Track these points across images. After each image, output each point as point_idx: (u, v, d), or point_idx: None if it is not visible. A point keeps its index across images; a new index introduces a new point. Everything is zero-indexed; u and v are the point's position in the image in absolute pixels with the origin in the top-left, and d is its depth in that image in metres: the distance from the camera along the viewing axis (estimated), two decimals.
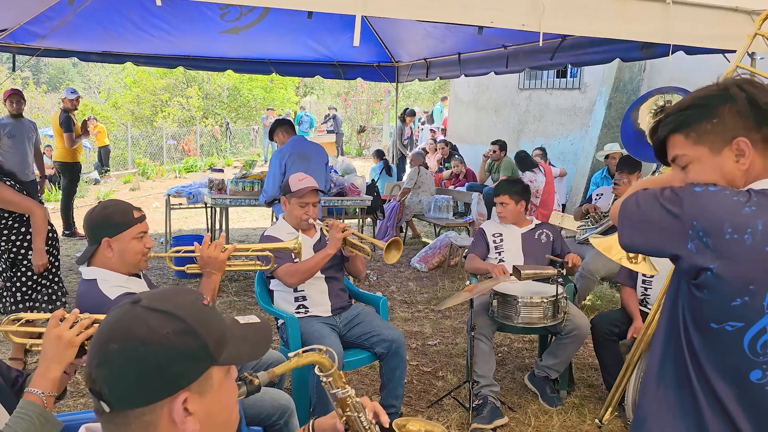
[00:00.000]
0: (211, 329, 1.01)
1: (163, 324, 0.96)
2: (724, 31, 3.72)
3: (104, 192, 12.35)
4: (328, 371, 1.41)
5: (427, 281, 6.49)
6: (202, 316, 1.01)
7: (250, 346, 1.08)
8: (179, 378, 0.96)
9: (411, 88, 24.72)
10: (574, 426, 3.48)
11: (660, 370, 1.46)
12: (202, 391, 0.99)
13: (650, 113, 3.49)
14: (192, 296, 1.05)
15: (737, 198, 1.32)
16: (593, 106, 8.86)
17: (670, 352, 1.44)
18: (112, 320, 0.99)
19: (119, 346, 0.96)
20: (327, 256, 3.28)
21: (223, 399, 1.04)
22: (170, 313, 0.98)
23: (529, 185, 6.64)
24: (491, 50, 6.67)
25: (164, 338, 0.95)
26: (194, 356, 0.97)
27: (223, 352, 1.01)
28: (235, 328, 1.08)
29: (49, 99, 21.34)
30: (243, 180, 6.33)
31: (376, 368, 3.51)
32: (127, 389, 0.95)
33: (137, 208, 2.44)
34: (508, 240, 4.01)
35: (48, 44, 6.49)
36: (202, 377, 0.99)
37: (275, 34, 7.02)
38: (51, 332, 1.71)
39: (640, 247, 1.47)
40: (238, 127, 22.18)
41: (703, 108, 1.43)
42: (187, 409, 0.97)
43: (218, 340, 1.01)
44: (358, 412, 1.40)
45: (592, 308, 5.50)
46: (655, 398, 1.46)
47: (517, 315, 3.47)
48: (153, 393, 0.95)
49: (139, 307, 0.99)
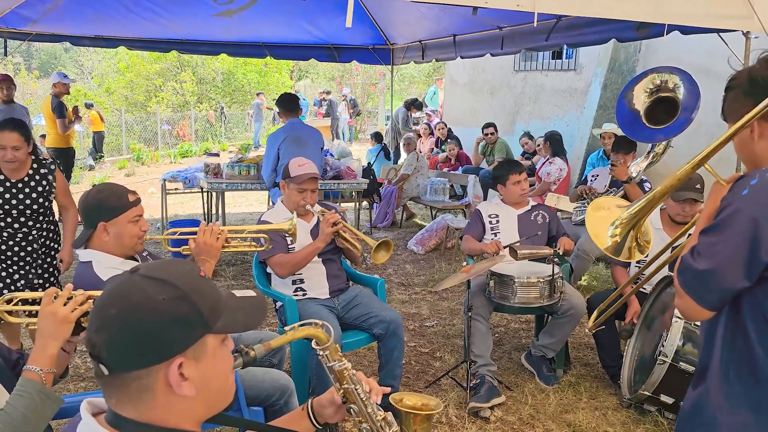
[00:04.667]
0: (206, 298, 1.04)
1: (158, 290, 1.00)
2: (719, 10, 3.72)
3: (99, 178, 12.31)
4: (325, 344, 1.42)
5: (424, 263, 6.52)
6: (197, 285, 1.05)
7: (244, 316, 1.11)
8: (174, 343, 1.00)
9: (406, 71, 24.59)
10: (571, 404, 3.52)
11: (724, 373, 1.44)
12: (198, 357, 1.03)
13: (645, 93, 3.49)
14: (189, 267, 1.09)
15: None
16: (589, 87, 8.84)
17: (736, 353, 1.42)
18: (112, 287, 1.04)
19: (117, 311, 1.00)
20: (316, 249, 3.33)
21: (218, 366, 1.07)
22: (166, 280, 1.02)
23: (557, 172, 6.63)
24: (486, 31, 6.64)
25: (160, 304, 0.99)
26: (188, 322, 1.01)
27: (218, 321, 1.05)
28: (230, 300, 1.11)
29: (41, 85, 21.15)
30: (239, 164, 6.32)
31: (374, 349, 3.54)
32: (124, 352, 0.99)
33: (132, 192, 2.44)
34: (505, 221, 4.02)
35: (39, 29, 6.42)
36: (197, 344, 1.02)
37: (269, 17, 6.96)
38: (45, 309, 1.72)
39: (737, 284, 1.37)
40: (233, 111, 22.08)
41: (726, 91, 1.49)
42: (182, 374, 1.00)
43: (213, 309, 1.04)
44: (355, 384, 1.42)
45: (587, 288, 5.53)
46: (725, 395, 1.43)
47: (513, 295, 3.49)
48: (149, 356, 0.99)
49: (137, 275, 1.03)
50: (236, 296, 1.14)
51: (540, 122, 9.76)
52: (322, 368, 3.23)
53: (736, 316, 1.42)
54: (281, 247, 3.34)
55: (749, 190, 1.33)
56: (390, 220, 8.24)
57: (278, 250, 3.33)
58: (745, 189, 1.34)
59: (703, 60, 6.74)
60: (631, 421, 3.34)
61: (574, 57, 9.38)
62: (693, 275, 1.39)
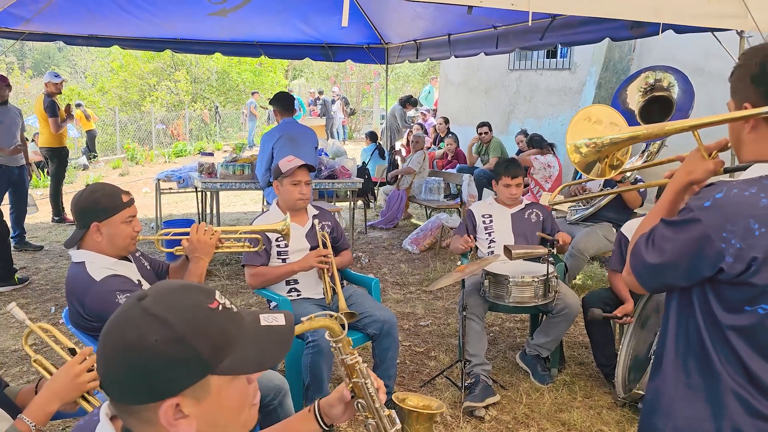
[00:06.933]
0: (209, 337, 0.96)
1: (152, 330, 0.94)
2: (714, 9, 3.72)
3: (93, 177, 12.26)
4: (338, 337, 1.41)
5: (418, 263, 6.52)
6: (200, 323, 0.97)
7: (258, 355, 1.01)
8: (167, 385, 0.94)
9: (400, 70, 24.59)
10: (565, 403, 3.53)
11: (679, 363, 1.46)
12: (198, 397, 0.97)
13: (639, 92, 3.49)
14: (198, 298, 1.00)
15: (749, 192, 1.33)
16: (583, 86, 8.85)
17: (691, 344, 1.44)
18: (116, 315, 0.99)
19: (111, 346, 0.96)
20: (291, 272, 3.36)
21: (226, 404, 1.00)
22: (165, 319, 0.95)
23: (546, 169, 6.65)
24: (481, 30, 6.64)
25: (152, 346, 0.93)
26: (184, 365, 0.94)
27: (224, 361, 0.97)
28: (249, 331, 1.03)
29: (35, 84, 21.05)
30: (233, 164, 6.30)
31: (368, 349, 3.53)
32: (120, 388, 0.96)
33: (125, 192, 2.43)
34: (498, 220, 4.02)
35: (32, 28, 6.39)
36: (196, 385, 0.96)
37: (263, 16, 6.94)
38: (74, 367, 1.70)
39: (675, 283, 1.43)
40: (228, 111, 22.02)
41: (736, 68, 1.48)
42: (182, 411, 0.96)
43: (217, 348, 0.97)
44: (365, 378, 1.41)
45: (582, 287, 5.54)
46: (684, 385, 1.45)
47: (508, 294, 3.49)
48: (142, 395, 0.95)
49: (140, 306, 0.97)
50: (260, 324, 1.05)
51: (535, 121, 9.77)
52: (317, 368, 3.23)
53: (688, 309, 1.45)
54: (260, 257, 3.37)
55: (711, 203, 1.34)
56: (394, 224, 8.23)
57: (255, 261, 3.36)
58: (708, 200, 1.35)
59: (698, 59, 6.76)
60: (626, 419, 3.35)
61: (569, 56, 9.39)
62: (641, 262, 1.45)
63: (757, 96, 1.40)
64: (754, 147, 1.43)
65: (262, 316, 1.07)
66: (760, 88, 1.39)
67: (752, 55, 1.42)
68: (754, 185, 1.34)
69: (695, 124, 1.55)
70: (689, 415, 1.44)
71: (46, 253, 6.68)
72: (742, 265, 1.32)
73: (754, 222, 1.30)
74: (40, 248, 6.79)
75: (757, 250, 1.30)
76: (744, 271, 1.32)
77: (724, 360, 1.39)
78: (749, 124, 1.42)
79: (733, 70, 1.47)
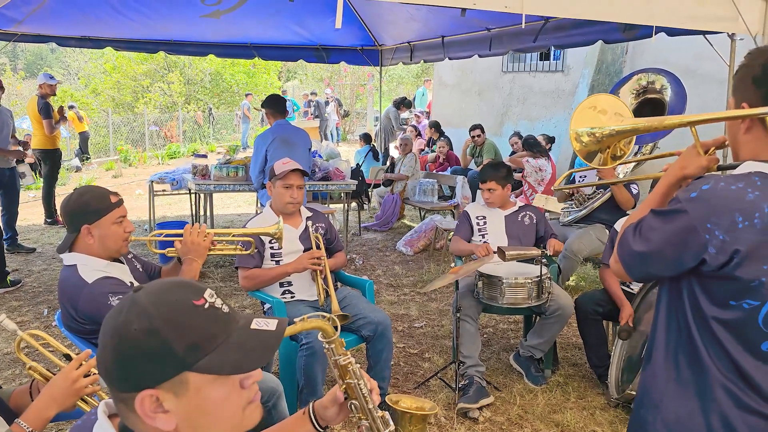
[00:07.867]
0: (187, 333, 0.95)
1: (134, 320, 0.95)
2: (706, 12, 3.75)
3: (86, 179, 12.21)
4: (331, 338, 1.41)
5: (412, 264, 6.52)
6: (179, 318, 0.96)
7: (240, 357, 0.99)
8: (142, 375, 0.95)
9: (394, 72, 24.61)
10: (559, 404, 3.54)
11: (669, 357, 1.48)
12: (177, 393, 0.96)
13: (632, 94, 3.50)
14: (185, 294, 1.00)
15: (736, 186, 1.35)
16: (576, 88, 8.89)
17: (681, 339, 1.45)
18: (117, 304, 1.02)
19: (103, 331, 0.99)
20: (285, 274, 3.36)
21: (208, 404, 0.98)
22: (145, 310, 0.96)
23: (537, 172, 6.66)
24: (474, 33, 6.66)
25: (131, 334, 0.95)
26: (157, 358, 0.94)
27: (203, 359, 0.96)
28: (236, 332, 1.02)
29: (27, 86, 20.95)
30: (227, 165, 6.29)
31: (363, 351, 3.53)
32: (108, 372, 0.98)
33: (114, 193, 2.43)
34: (492, 222, 4.03)
35: (25, 29, 6.37)
36: (173, 380, 0.95)
37: (257, 18, 6.95)
38: (71, 372, 1.69)
39: (660, 273, 1.46)
40: (221, 112, 21.98)
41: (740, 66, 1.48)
42: (162, 405, 0.96)
43: (196, 346, 0.95)
44: (358, 379, 1.41)
45: (575, 288, 5.56)
46: (675, 380, 1.46)
47: (502, 296, 3.50)
48: (123, 383, 0.97)
49: (132, 297, 0.99)
50: (249, 328, 1.04)
51: (528, 123, 9.81)
52: (311, 370, 3.22)
53: (678, 303, 1.46)
54: (254, 259, 3.36)
55: (698, 194, 1.36)
56: (388, 227, 8.23)
57: (248, 263, 3.35)
58: (695, 192, 1.37)
59: (690, 62, 6.80)
60: (619, 420, 3.36)
61: (562, 58, 9.43)
62: (628, 251, 1.47)
63: (757, 97, 1.41)
64: (751, 147, 1.44)
65: (255, 320, 1.06)
66: (761, 89, 1.40)
67: (757, 56, 1.43)
68: (742, 180, 1.35)
69: (693, 120, 1.57)
70: (678, 408, 1.45)
71: (38, 255, 6.65)
72: (725, 257, 1.33)
73: (738, 215, 1.31)
74: (33, 250, 6.76)
75: (741, 242, 1.31)
76: (726, 263, 1.33)
77: (712, 354, 1.40)
78: (744, 125, 1.43)
79: (738, 68, 1.48)
